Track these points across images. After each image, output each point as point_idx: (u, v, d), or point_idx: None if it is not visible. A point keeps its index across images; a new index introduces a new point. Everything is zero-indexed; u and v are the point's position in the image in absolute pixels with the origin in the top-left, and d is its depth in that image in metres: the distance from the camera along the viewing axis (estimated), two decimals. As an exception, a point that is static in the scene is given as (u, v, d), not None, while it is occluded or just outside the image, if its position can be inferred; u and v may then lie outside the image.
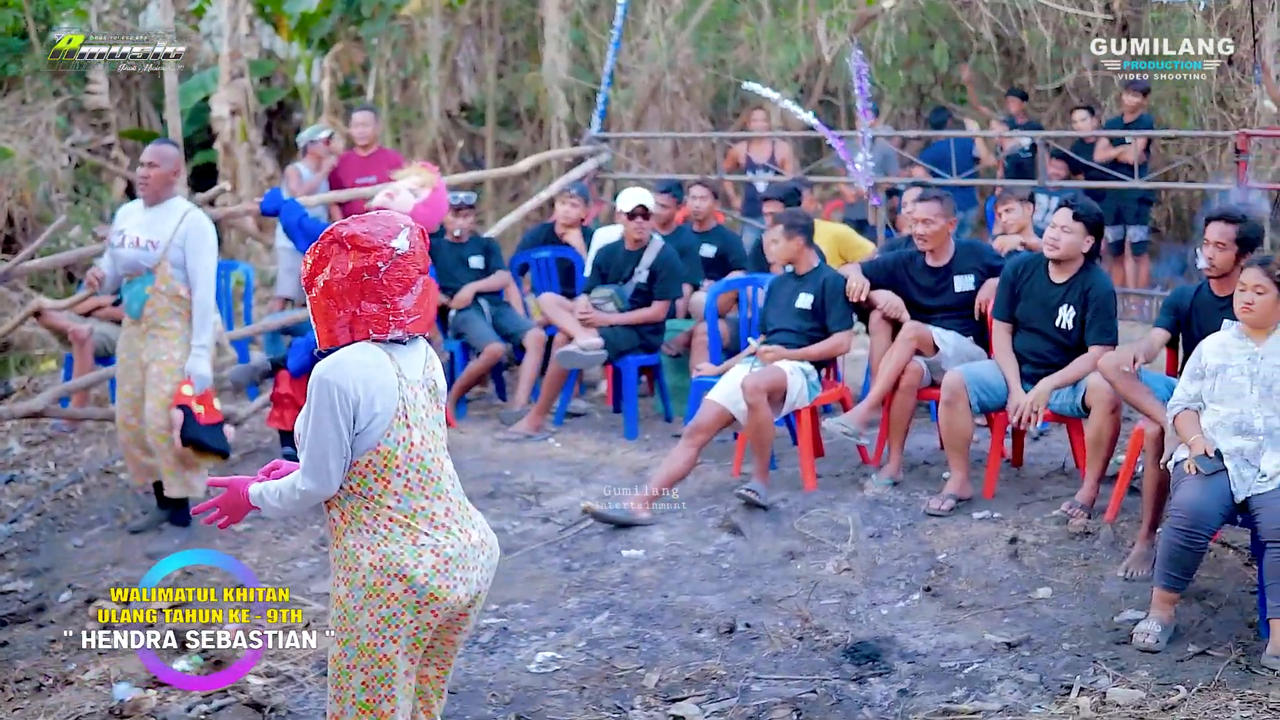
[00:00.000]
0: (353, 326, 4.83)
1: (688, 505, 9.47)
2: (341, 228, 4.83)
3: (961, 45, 20.21)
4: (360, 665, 4.86)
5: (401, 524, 4.85)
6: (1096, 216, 9.21)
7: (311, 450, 4.76)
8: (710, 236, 12.79)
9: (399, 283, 4.84)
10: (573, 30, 18.70)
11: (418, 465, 4.90)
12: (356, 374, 4.76)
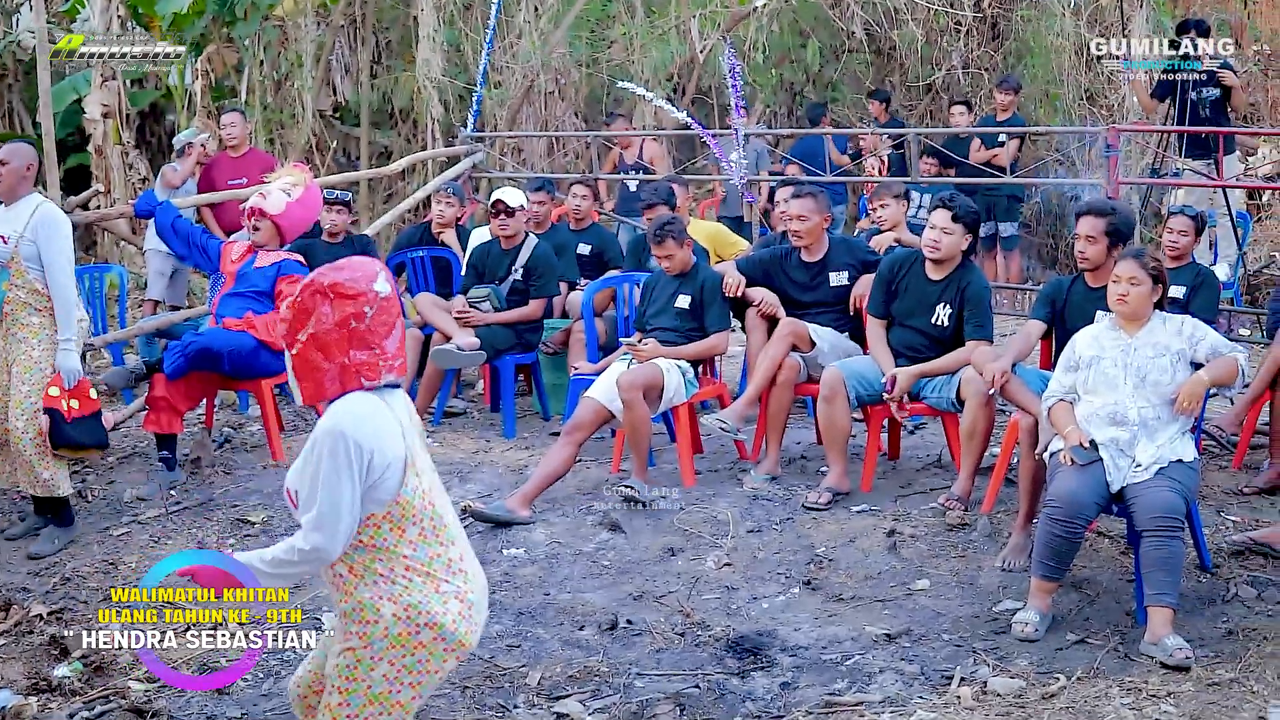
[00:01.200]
0: (343, 377, 4.79)
1: (567, 503, 9.46)
2: (320, 278, 4.77)
3: (833, 43, 20.33)
4: (366, 714, 4.83)
5: (420, 573, 4.82)
6: (974, 215, 9.32)
7: (323, 508, 4.67)
8: (586, 235, 12.80)
9: (384, 326, 4.82)
10: (446, 30, 18.62)
11: (430, 513, 4.89)
12: (369, 427, 4.72)
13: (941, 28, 19.61)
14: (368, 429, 4.72)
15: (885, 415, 9.49)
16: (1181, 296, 9.56)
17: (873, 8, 19.29)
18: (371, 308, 4.76)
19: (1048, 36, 19.61)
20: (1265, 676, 6.89)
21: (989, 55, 20.25)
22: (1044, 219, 19.18)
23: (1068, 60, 19.29)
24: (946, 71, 20.01)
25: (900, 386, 9.14)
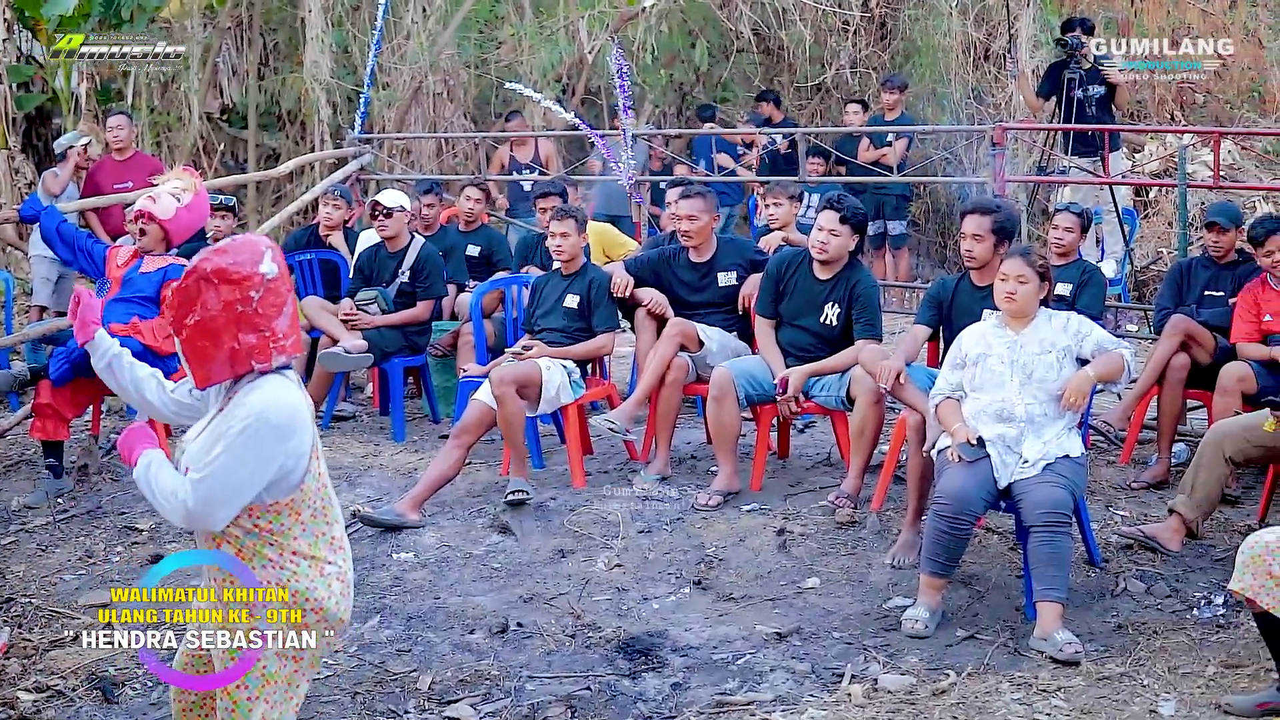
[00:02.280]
0: (233, 361, 4.71)
1: (457, 506, 9.40)
2: (204, 263, 4.68)
3: (722, 44, 20.35)
4: (263, 696, 4.78)
5: (306, 557, 4.78)
6: (862, 216, 9.34)
7: (219, 484, 4.60)
8: (475, 236, 12.77)
9: (273, 307, 4.74)
10: (334, 31, 18.49)
11: (323, 494, 4.85)
12: (291, 417, 4.69)
13: (830, 27, 19.67)
14: (289, 419, 4.68)
15: (774, 414, 9.51)
16: (1068, 293, 9.64)
17: (761, 8, 19.31)
18: (258, 291, 4.68)
19: (935, 36, 19.71)
20: (1155, 670, 6.96)
21: (877, 55, 20.32)
22: (933, 217, 19.31)
23: (955, 59, 19.39)
24: (835, 71, 20.06)
25: (793, 386, 9.14)
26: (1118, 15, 19.91)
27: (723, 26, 19.78)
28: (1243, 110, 19.42)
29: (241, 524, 4.71)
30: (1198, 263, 10.22)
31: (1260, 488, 9.05)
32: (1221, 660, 7.07)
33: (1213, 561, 8.30)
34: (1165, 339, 9.60)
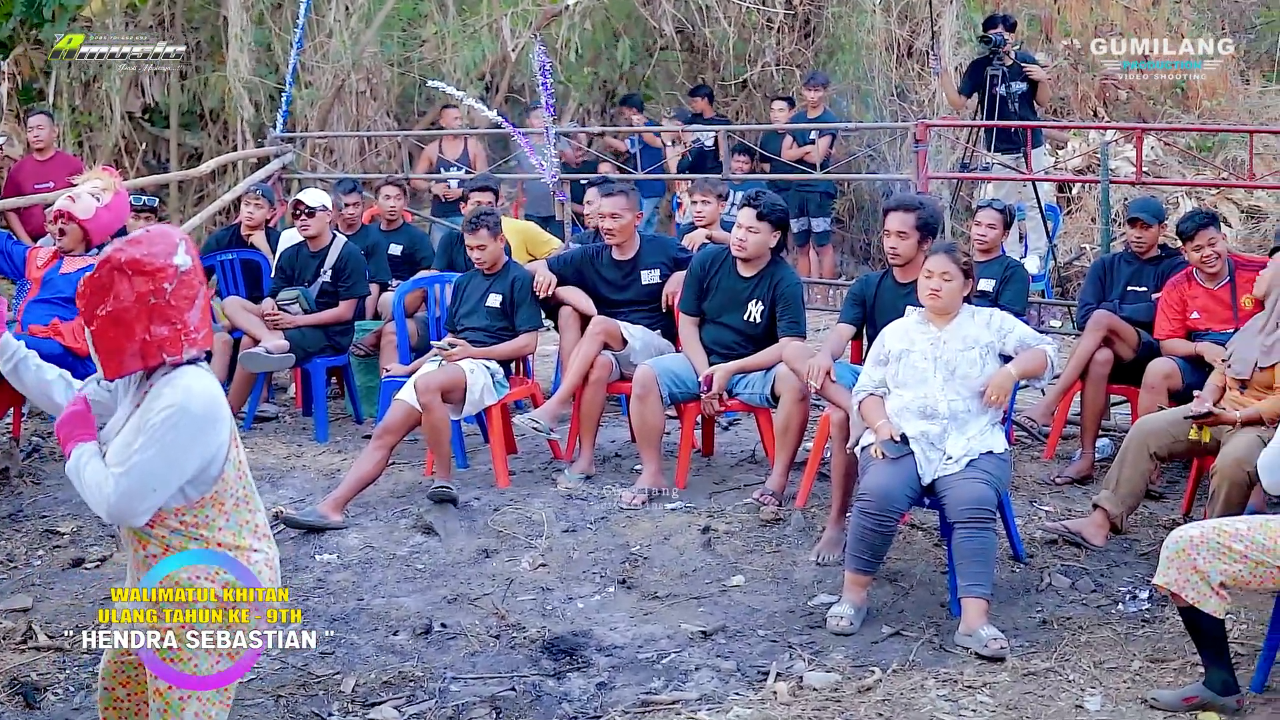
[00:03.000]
0: (144, 353, 4.64)
1: (380, 507, 9.34)
2: (118, 254, 4.63)
3: (646, 41, 20.32)
4: (195, 694, 4.73)
5: (232, 548, 4.74)
6: (781, 212, 9.32)
7: (140, 477, 4.55)
8: (397, 235, 12.71)
9: (186, 300, 4.68)
10: (256, 30, 18.38)
11: (244, 482, 4.81)
12: (212, 410, 4.64)
13: (754, 25, 19.65)
14: (209, 409, 4.63)
15: (698, 412, 9.50)
16: (991, 289, 9.65)
17: (685, 5, 19.29)
18: (171, 283, 4.63)
19: (859, 33, 19.73)
20: (1080, 665, 6.97)
21: (801, 52, 20.33)
22: (857, 214, 19.33)
23: (878, 56, 19.41)
24: (759, 69, 20.06)
25: (717, 384, 9.13)
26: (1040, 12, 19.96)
27: (646, 24, 19.75)
28: (1165, 106, 19.50)
29: (167, 523, 4.67)
30: (1120, 258, 10.26)
31: (1184, 482, 9.09)
32: (1147, 655, 7.08)
33: (1137, 556, 8.34)
34: (1088, 334, 9.63)
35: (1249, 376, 8.07)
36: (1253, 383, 8.06)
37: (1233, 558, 6.27)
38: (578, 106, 20.45)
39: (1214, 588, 6.27)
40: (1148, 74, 19.71)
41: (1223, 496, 7.62)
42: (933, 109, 18.21)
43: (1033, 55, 16.28)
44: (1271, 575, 6.29)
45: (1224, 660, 6.43)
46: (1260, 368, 8.01)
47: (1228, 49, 16.79)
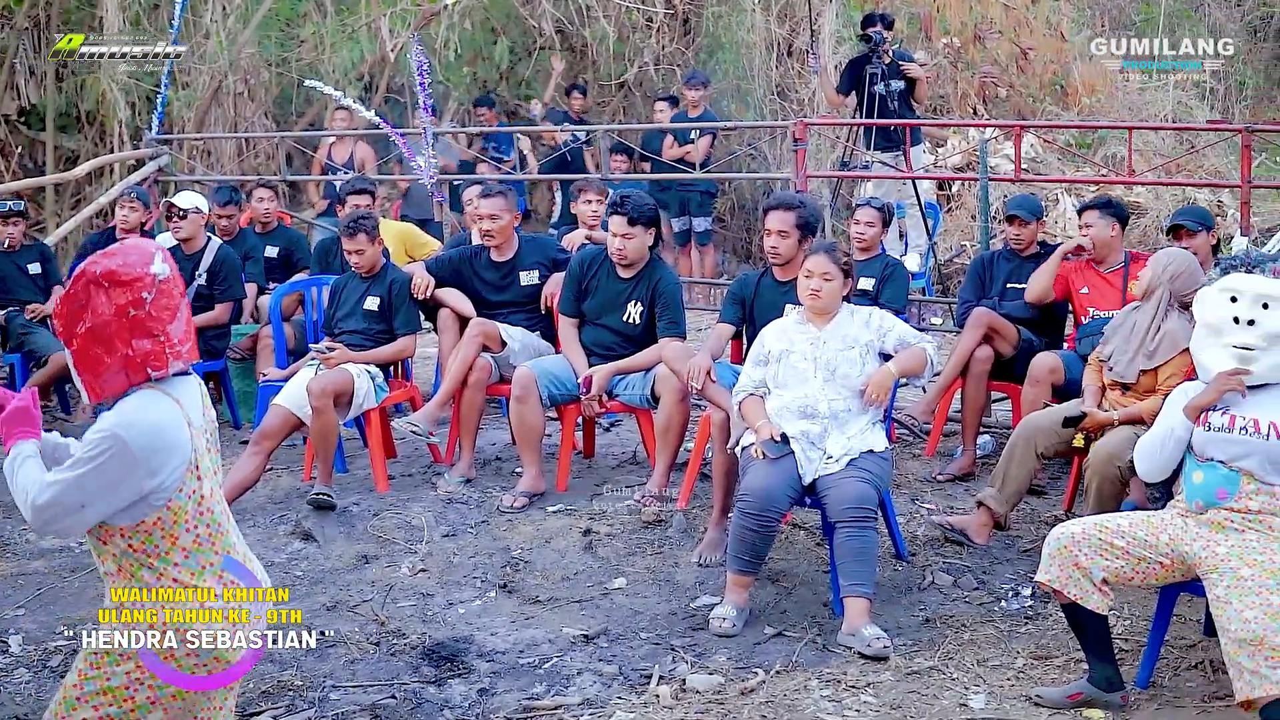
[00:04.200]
0: (128, 370, 4.47)
1: (258, 513, 9.25)
2: (93, 266, 4.46)
3: (525, 41, 20.29)
4: (93, 703, 4.59)
5: (188, 586, 4.54)
6: (650, 211, 9.29)
7: (62, 496, 4.38)
8: (273, 237, 12.61)
9: (167, 310, 4.51)
10: (132, 31, 18.16)
11: (208, 519, 4.60)
12: (153, 438, 4.41)
13: (633, 24, 19.64)
14: (149, 440, 4.42)
15: (578, 414, 9.46)
16: (871, 288, 9.67)
17: (564, 5, 19.26)
18: (150, 293, 4.47)
19: (738, 32, 19.75)
20: (964, 663, 6.98)
21: (681, 51, 20.33)
22: (738, 214, 19.35)
23: (758, 55, 19.44)
24: (639, 68, 20.05)
25: (597, 385, 9.09)
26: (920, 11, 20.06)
27: (526, 24, 19.71)
28: (1045, 104, 19.64)
29: (116, 542, 4.50)
30: (1000, 256, 10.29)
31: (1066, 478, 9.12)
32: (1030, 652, 7.10)
33: (1019, 553, 8.37)
34: (968, 332, 9.66)
35: (1135, 381, 8.08)
36: (1136, 386, 8.08)
37: (1115, 554, 6.29)
38: (458, 107, 20.38)
39: (1096, 584, 6.29)
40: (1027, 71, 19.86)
41: (1094, 491, 7.65)
42: (813, 108, 18.27)
43: (911, 54, 16.34)
44: (1154, 571, 6.33)
45: (1108, 656, 6.46)
46: (1143, 371, 8.03)
47: (1228, 49, 16.89)
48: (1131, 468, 7.60)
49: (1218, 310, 6.37)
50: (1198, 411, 6.33)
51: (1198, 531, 6.25)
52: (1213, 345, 6.37)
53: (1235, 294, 6.32)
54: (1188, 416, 6.35)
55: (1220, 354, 6.33)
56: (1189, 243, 9.00)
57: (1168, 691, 6.63)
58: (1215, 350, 6.36)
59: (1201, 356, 6.44)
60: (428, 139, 13.72)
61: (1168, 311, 8.04)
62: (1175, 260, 8.13)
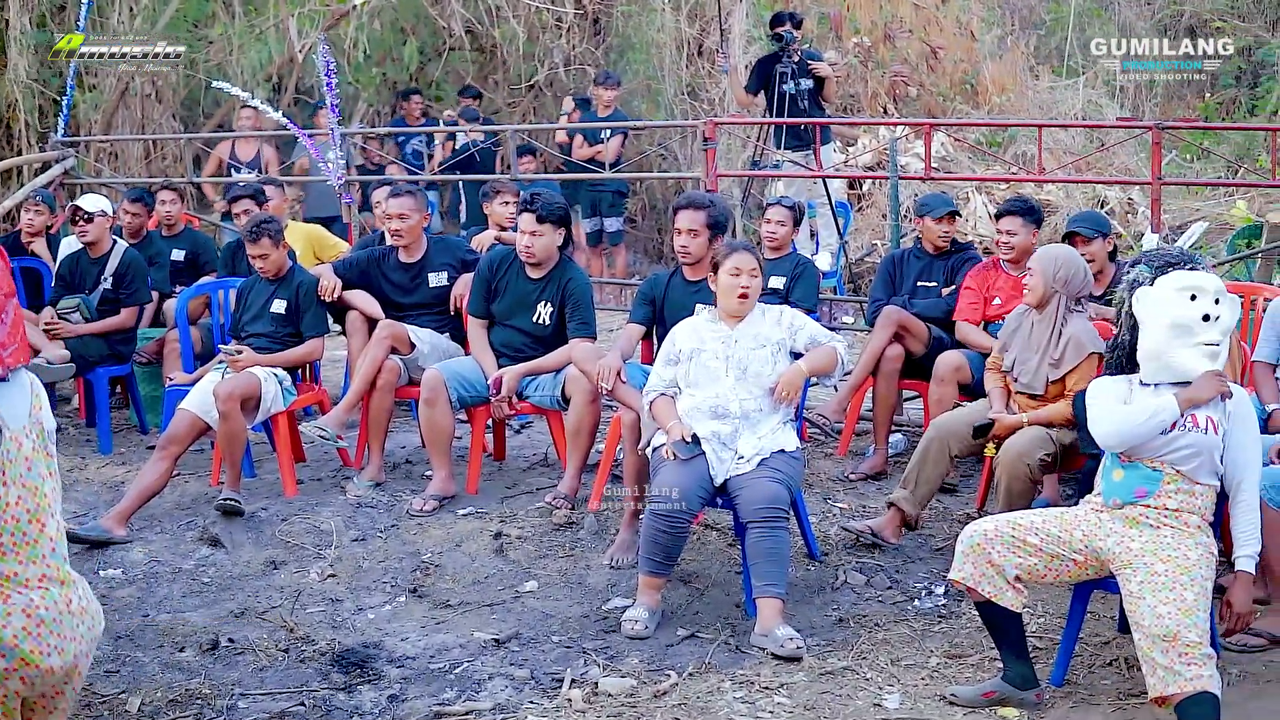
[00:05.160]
0: None
1: (165, 519, 9.15)
2: None
3: (435, 42, 20.24)
4: None
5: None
6: (560, 210, 9.26)
7: None
8: (179, 240, 12.50)
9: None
10: (37, 32, 17.99)
11: (13, 528, 4.42)
12: None
13: (543, 24, 19.62)
14: None
15: (489, 416, 9.41)
16: (782, 287, 9.66)
17: (473, 5, 19.22)
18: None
19: (649, 32, 19.76)
20: (878, 663, 6.97)
21: (591, 51, 20.32)
22: (649, 214, 19.36)
23: (668, 55, 19.45)
24: (548, 69, 20.02)
25: (507, 386, 9.05)
26: (830, 10, 20.12)
27: (435, 24, 19.65)
28: (955, 102, 19.73)
29: None
30: (910, 254, 10.33)
31: (978, 476, 9.13)
32: (945, 651, 7.11)
33: (932, 551, 8.39)
34: (879, 330, 9.67)
35: (1044, 392, 8.07)
36: (1045, 395, 8.07)
37: (1028, 551, 6.30)
38: (367, 108, 20.30)
39: (1010, 581, 6.30)
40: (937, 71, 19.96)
41: (1005, 489, 7.67)
42: (723, 107, 18.31)
43: (819, 53, 16.38)
44: (1067, 568, 6.34)
45: (1022, 654, 6.47)
46: (1052, 381, 8.02)
47: (1228, 49, 16.96)
48: (1042, 465, 7.65)
49: (1182, 310, 6.31)
50: (1190, 405, 6.29)
51: (1112, 527, 6.26)
52: (1185, 345, 6.32)
53: (1195, 291, 6.30)
54: (1180, 406, 6.29)
55: (1195, 353, 6.29)
56: (1085, 249, 9.00)
57: (1082, 689, 6.64)
58: (1188, 350, 6.31)
59: (1173, 358, 6.36)
60: (334, 139, 13.65)
61: (1066, 316, 8.03)
62: (1062, 263, 8.09)
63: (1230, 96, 22.90)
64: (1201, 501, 6.20)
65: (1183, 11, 24.18)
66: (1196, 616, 5.83)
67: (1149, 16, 24.22)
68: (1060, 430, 7.66)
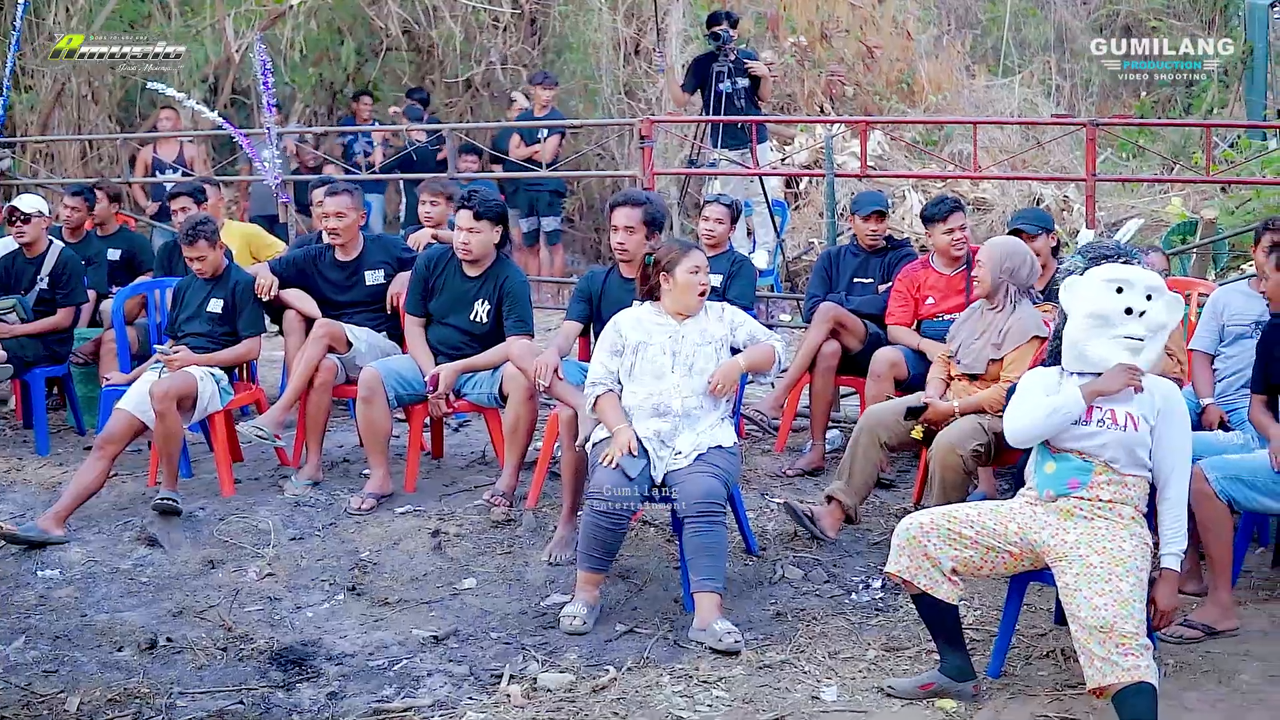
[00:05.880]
0: None
1: (103, 520, 9.12)
2: None
3: (372, 42, 20.21)
4: None
5: None
6: (498, 207, 9.27)
7: None
8: (115, 240, 12.45)
9: None
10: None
11: None
12: None
13: (480, 24, 19.62)
14: None
15: (426, 414, 9.40)
16: (719, 284, 9.66)
17: (410, 5, 19.22)
18: None
19: (586, 32, 19.78)
20: (816, 656, 7.00)
21: (528, 51, 20.34)
22: (586, 214, 19.38)
23: (605, 55, 19.48)
24: (485, 68, 20.02)
25: (445, 383, 9.04)
26: (767, 10, 20.17)
27: (372, 24, 19.63)
28: (891, 101, 19.81)
29: None
30: (846, 251, 10.38)
31: (914, 471, 9.18)
32: (882, 644, 7.14)
33: (869, 546, 8.43)
34: (815, 327, 9.71)
35: (984, 371, 8.15)
36: (985, 376, 8.15)
37: (963, 544, 6.33)
38: (304, 108, 20.26)
39: (946, 574, 6.33)
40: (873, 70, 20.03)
41: (939, 481, 7.72)
42: (660, 107, 18.34)
43: (755, 52, 16.43)
44: (1003, 560, 6.37)
45: (959, 646, 6.50)
46: (992, 360, 8.10)
47: (1228, 49, 17.05)
48: (975, 456, 7.70)
49: (1105, 301, 6.37)
50: (1095, 397, 6.34)
51: (1047, 520, 6.30)
52: (1102, 336, 6.38)
53: (1122, 285, 6.35)
54: (1085, 398, 6.35)
55: (1112, 345, 6.35)
56: (1029, 245, 9.09)
57: (1019, 680, 6.68)
58: (1105, 341, 6.37)
59: (1088, 348, 6.43)
60: (271, 139, 13.62)
61: (1014, 304, 8.12)
62: (1009, 255, 8.21)
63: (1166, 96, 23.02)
64: (1134, 492, 6.24)
65: (1118, 11, 24.29)
66: (1132, 607, 5.86)
67: (1085, 16, 24.34)
68: (993, 419, 7.69)
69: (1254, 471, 7.11)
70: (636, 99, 19.42)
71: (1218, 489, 7.00)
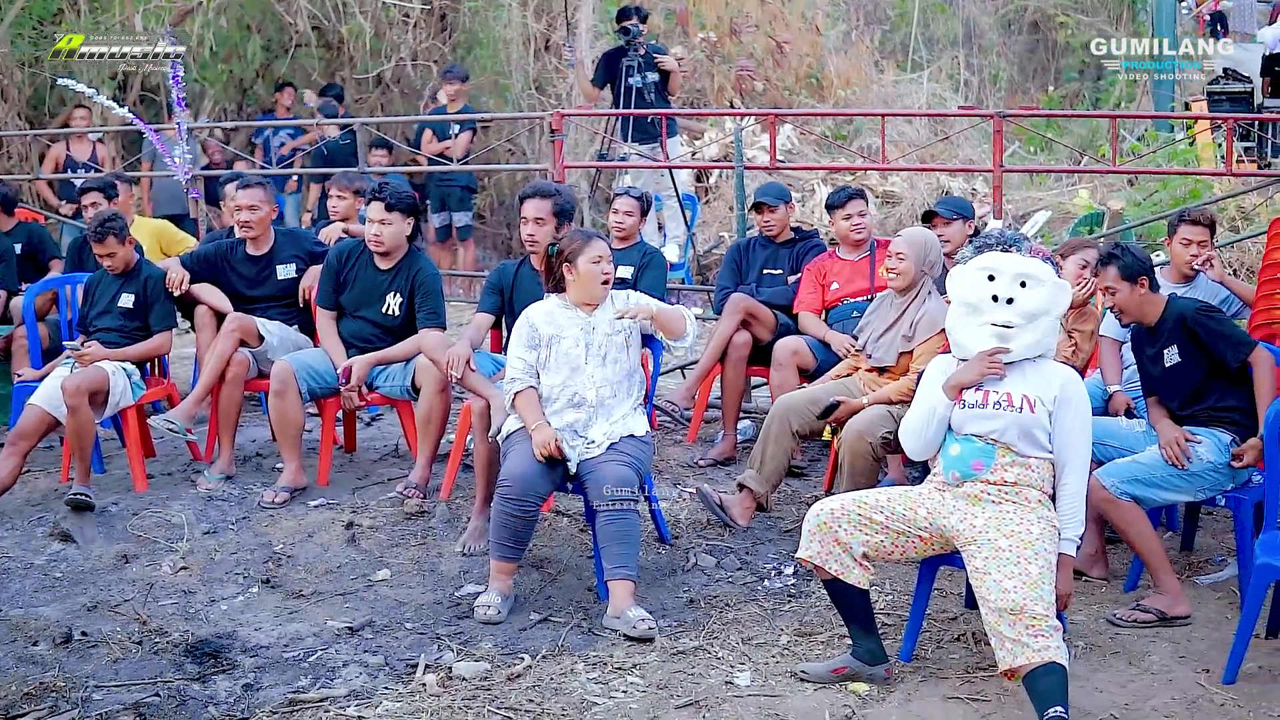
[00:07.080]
0: None
1: (16, 516, 9.09)
2: None
3: (281, 38, 20.14)
4: None
5: None
6: (410, 199, 9.28)
7: None
8: (15, 234, 12.32)
9: None
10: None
11: None
12: None
13: (390, 20, 19.60)
14: None
15: (339, 407, 9.43)
16: (629, 276, 9.70)
17: (320, 2, 19.16)
18: None
19: (496, 27, 19.79)
20: (729, 642, 7.05)
21: (438, 47, 20.32)
22: (498, 210, 19.39)
23: (515, 50, 19.50)
24: (395, 64, 20.00)
25: (357, 375, 9.06)
26: (676, 5, 20.21)
27: (281, 20, 19.56)
28: (800, 96, 19.88)
29: None
30: (756, 243, 10.45)
31: (825, 460, 9.25)
32: (795, 629, 7.21)
33: (781, 533, 8.49)
34: (726, 318, 9.77)
35: (894, 363, 8.24)
36: (895, 368, 8.23)
37: (874, 529, 6.39)
38: (214, 105, 20.18)
39: (857, 559, 6.39)
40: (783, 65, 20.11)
41: (848, 468, 7.82)
42: (570, 102, 18.35)
43: (665, 47, 16.47)
44: (913, 544, 6.44)
45: (870, 631, 6.56)
46: (902, 353, 8.19)
47: (1228, 49, 17.13)
48: (884, 444, 7.79)
49: (975, 289, 6.48)
50: (957, 390, 6.44)
51: (955, 504, 6.37)
52: (971, 324, 6.49)
53: (993, 272, 6.45)
54: (947, 394, 6.46)
55: (979, 332, 6.45)
56: (943, 230, 9.21)
57: (931, 664, 6.76)
58: (973, 329, 6.48)
59: (958, 335, 6.55)
60: (181, 135, 13.56)
61: (927, 297, 8.22)
62: (930, 248, 8.34)
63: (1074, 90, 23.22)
64: (1038, 475, 6.33)
65: (1026, 7, 24.48)
66: (1041, 590, 5.93)
67: (993, 12, 24.51)
68: (901, 407, 7.76)
69: (1149, 469, 7.24)
70: (547, 94, 19.44)
71: (1117, 494, 7.11)
